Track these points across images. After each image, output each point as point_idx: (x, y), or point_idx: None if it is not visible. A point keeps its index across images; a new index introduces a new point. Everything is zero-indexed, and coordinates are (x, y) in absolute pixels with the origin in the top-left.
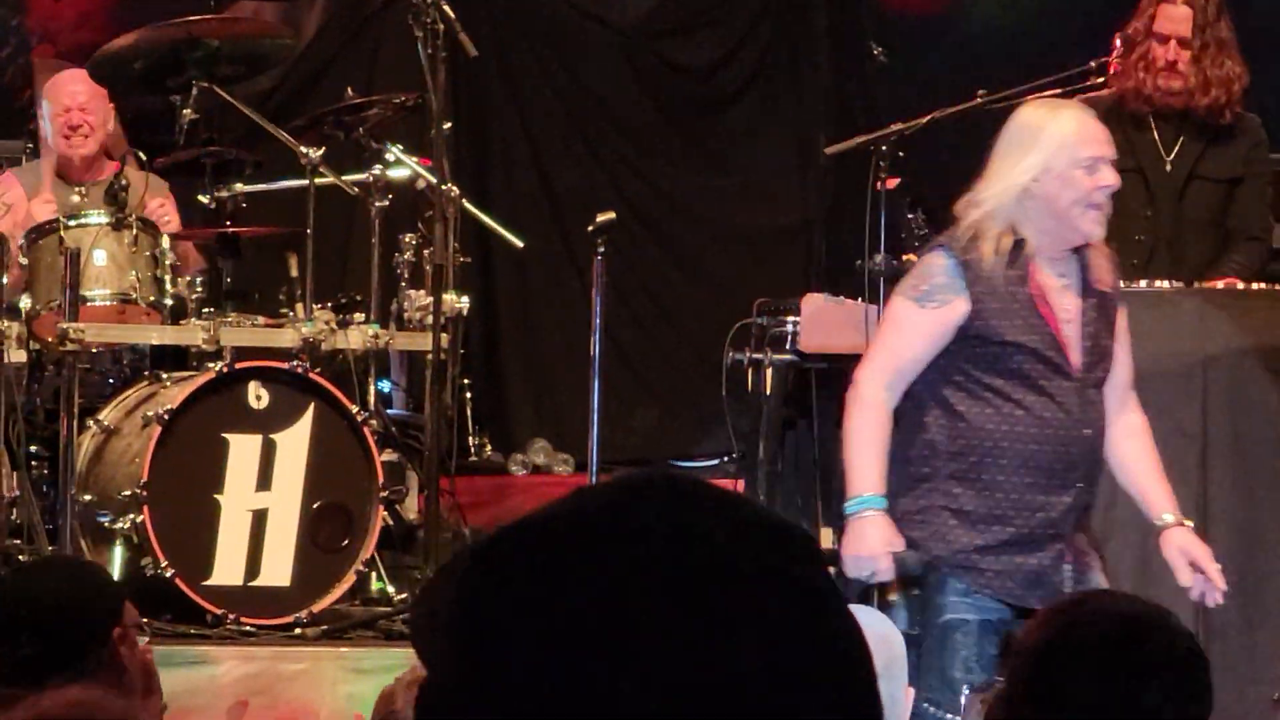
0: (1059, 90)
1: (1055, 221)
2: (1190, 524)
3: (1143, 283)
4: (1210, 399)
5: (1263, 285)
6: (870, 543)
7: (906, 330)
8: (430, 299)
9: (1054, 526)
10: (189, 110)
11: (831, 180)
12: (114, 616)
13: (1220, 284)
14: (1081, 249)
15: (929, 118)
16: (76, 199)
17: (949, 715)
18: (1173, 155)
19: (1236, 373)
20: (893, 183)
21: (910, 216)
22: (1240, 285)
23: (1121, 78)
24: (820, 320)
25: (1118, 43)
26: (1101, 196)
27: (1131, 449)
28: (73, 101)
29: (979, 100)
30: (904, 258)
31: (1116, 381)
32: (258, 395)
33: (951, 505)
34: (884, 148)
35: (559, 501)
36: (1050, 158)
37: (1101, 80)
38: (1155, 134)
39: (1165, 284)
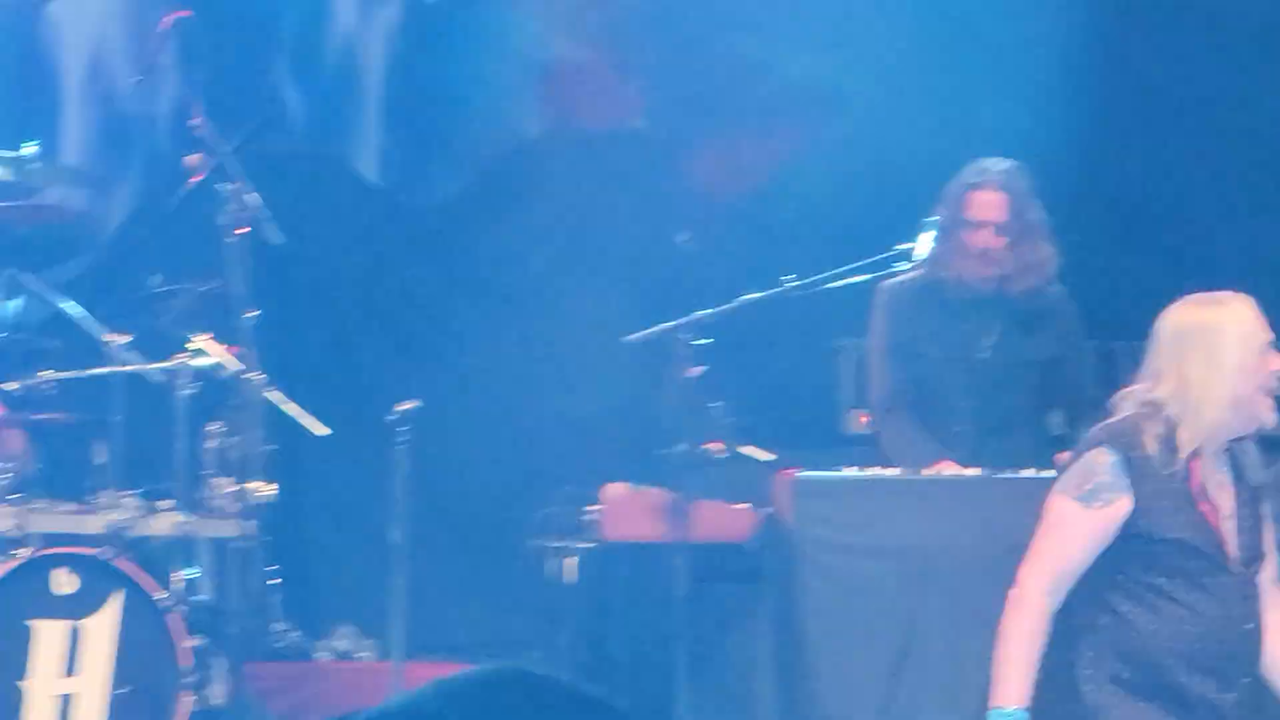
0: (868, 275)
1: (1234, 413)
2: None
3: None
4: None
5: None
6: None
7: (1071, 532)
8: (237, 486)
9: None
10: None
11: (633, 367)
12: None
13: None
14: (1233, 440)
15: (734, 304)
16: None
17: None
18: (991, 341)
19: None
20: (695, 370)
21: (714, 404)
22: None
23: (935, 264)
24: (622, 508)
25: (928, 228)
26: (1275, 381)
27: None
28: None
29: (786, 285)
30: (708, 445)
31: (1269, 574)
32: (64, 582)
33: (1116, 708)
34: (687, 335)
35: (417, 694)
36: (1244, 354)
37: (909, 265)
38: (971, 321)
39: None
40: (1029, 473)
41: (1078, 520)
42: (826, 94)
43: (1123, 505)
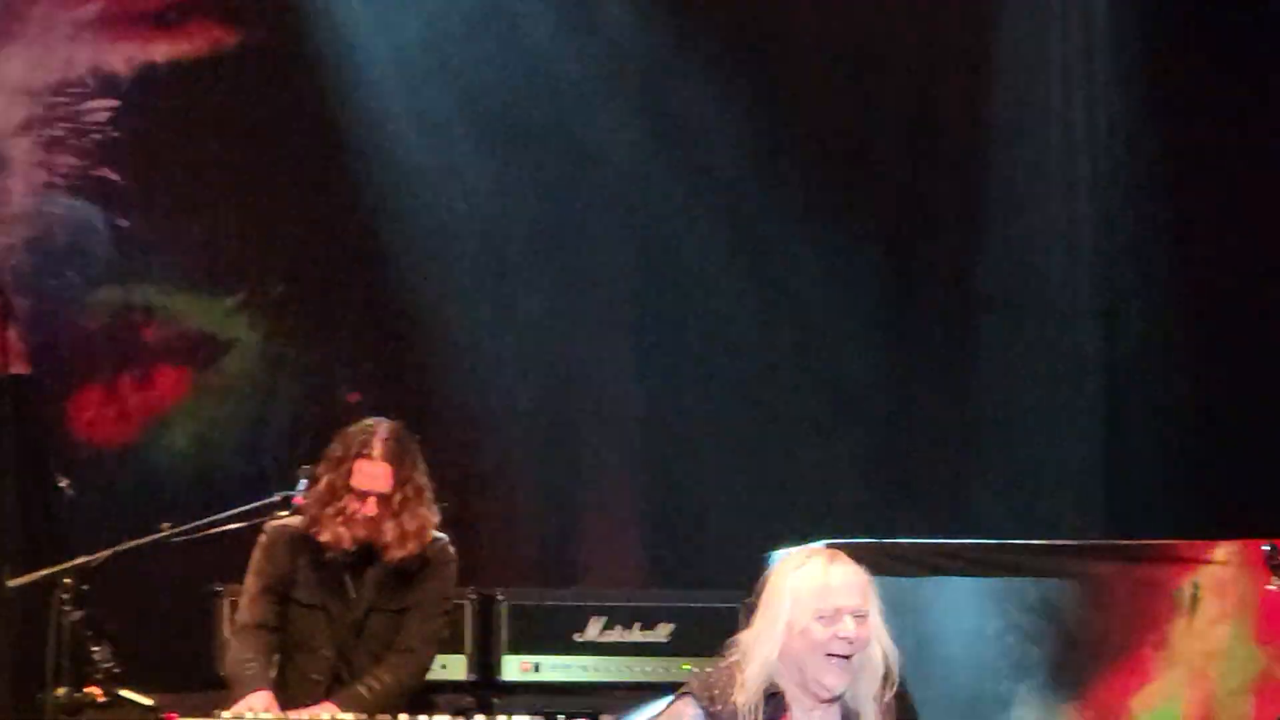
0: (244, 523)
1: (801, 674)
2: None
3: None
4: None
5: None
6: None
7: None
8: None
9: None
10: None
11: (17, 612)
12: None
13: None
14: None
15: (112, 550)
16: None
17: None
18: (359, 594)
19: None
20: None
21: (95, 649)
22: None
23: (317, 521)
24: None
25: (304, 482)
26: (841, 647)
27: None
28: None
29: (164, 532)
30: (87, 689)
31: None
32: None
33: None
34: (68, 580)
35: None
36: (792, 612)
37: (288, 513)
38: (343, 579)
39: None
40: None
41: None
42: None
43: None
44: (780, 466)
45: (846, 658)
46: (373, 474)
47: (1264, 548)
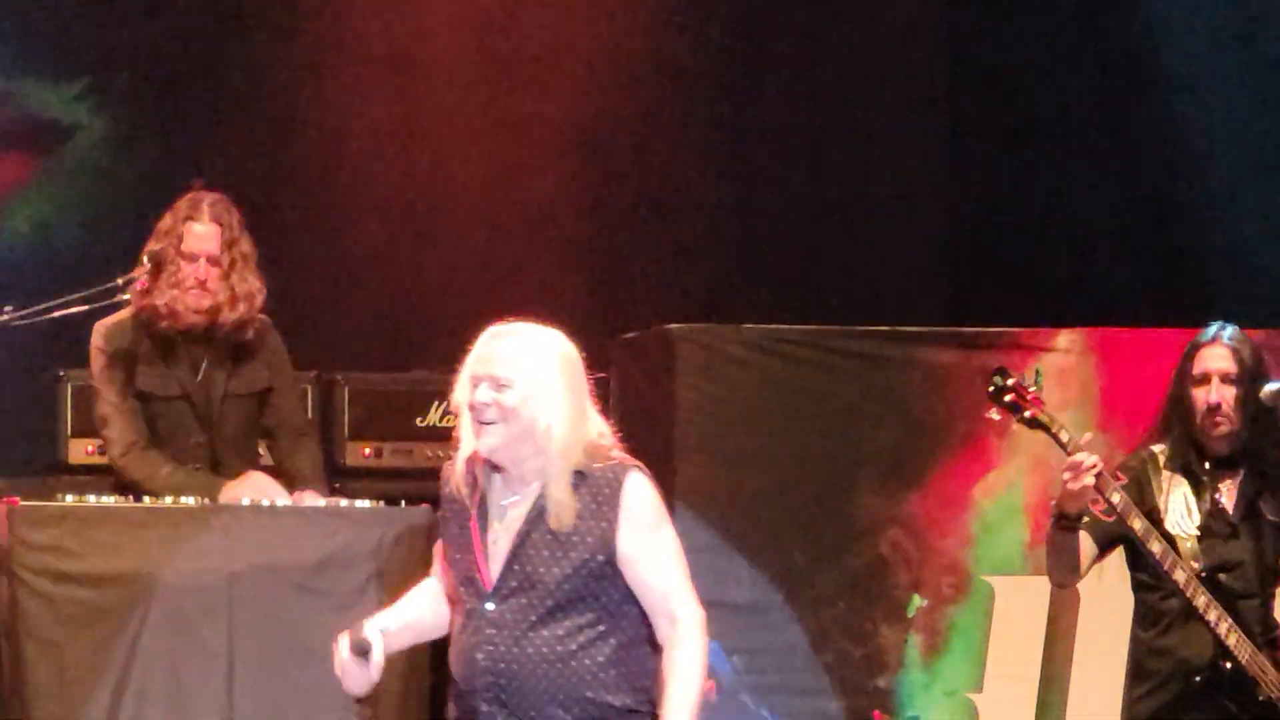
0: (86, 306)
1: None
2: None
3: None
4: (235, 614)
5: (288, 501)
6: None
7: None
8: None
9: None
10: None
11: None
12: None
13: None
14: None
15: None
16: None
17: None
18: (209, 378)
19: (261, 588)
20: None
21: None
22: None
23: (149, 294)
24: None
25: (145, 260)
26: (473, 410)
27: None
28: None
29: (7, 314)
30: None
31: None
32: None
33: None
34: None
35: None
36: (463, 378)
37: (127, 298)
38: (188, 357)
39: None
40: (246, 502)
41: None
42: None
43: None
44: (628, 251)
45: (482, 423)
46: (202, 235)
47: (994, 377)
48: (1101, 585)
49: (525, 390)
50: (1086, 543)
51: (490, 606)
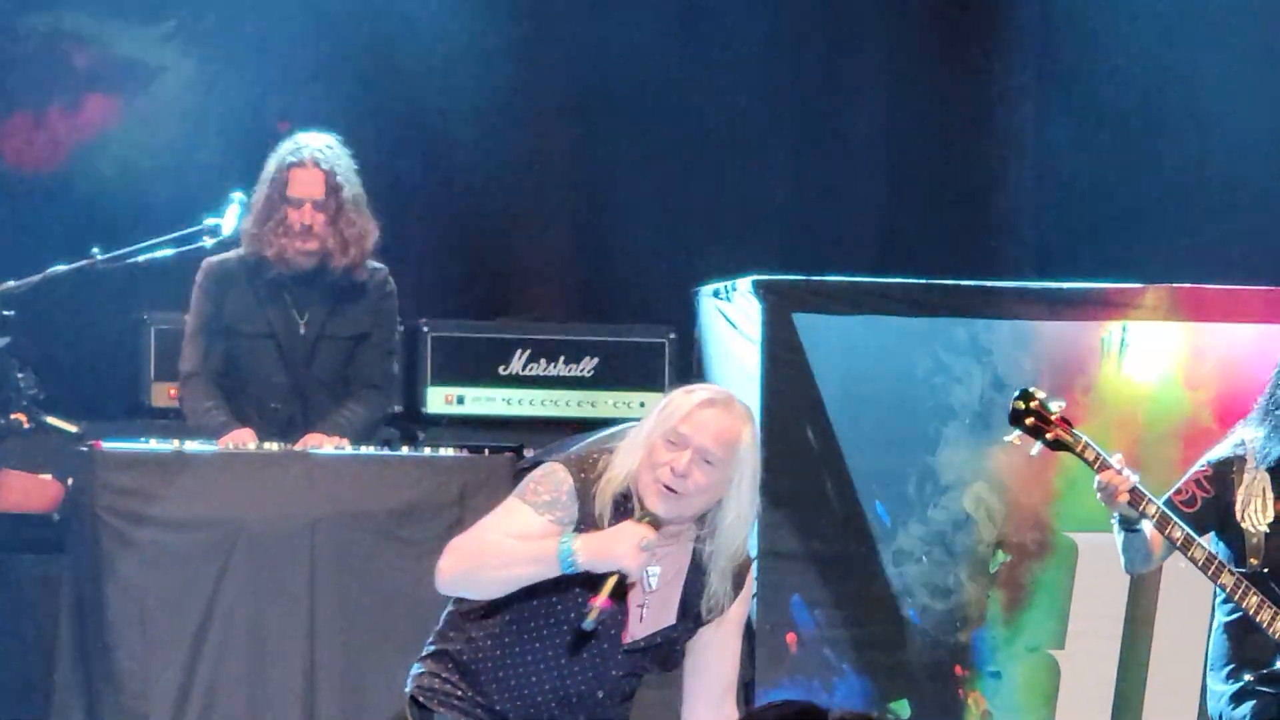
0: (174, 250)
1: (631, 484)
2: None
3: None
4: (317, 561)
5: (372, 449)
6: None
7: (505, 524)
8: None
9: None
10: None
11: None
12: None
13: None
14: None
15: (41, 276)
16: None
17: None
18: (305, 319)
19: (343, 535)
20: (1, 341)
21: (20, 375)
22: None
23: (255, 241)
24: None
25: (240, 205)
26: (665, 475)
27: None
28: None
29: (94, 259)
30: (12, 416)
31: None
32: None
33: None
34: None
35: None
36: (655, 428)
37: (223, 239)
38: (289, 298)
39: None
40: (329, 449)
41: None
42: (141, 66)
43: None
44: (709, 201)
45: (671, 491)
46: (307, 180)
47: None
48: None
49: (728, 475)
50: (1155, 532)
51: (597, 652)
